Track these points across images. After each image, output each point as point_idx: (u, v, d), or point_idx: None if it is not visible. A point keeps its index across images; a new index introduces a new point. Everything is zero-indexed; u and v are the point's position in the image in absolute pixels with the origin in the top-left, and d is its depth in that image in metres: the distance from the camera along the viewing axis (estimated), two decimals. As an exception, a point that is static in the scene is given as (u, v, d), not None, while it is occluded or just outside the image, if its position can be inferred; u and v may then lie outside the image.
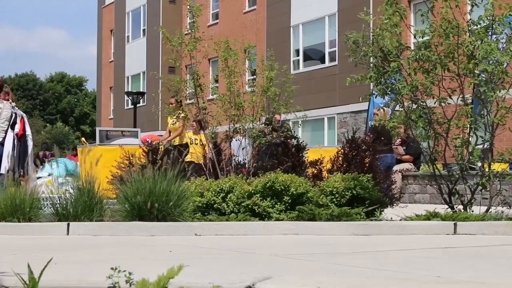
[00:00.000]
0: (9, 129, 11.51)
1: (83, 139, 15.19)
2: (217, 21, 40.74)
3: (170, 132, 16.11)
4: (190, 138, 11.47)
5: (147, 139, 11.52)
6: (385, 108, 17.12)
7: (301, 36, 33.41)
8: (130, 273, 3.00)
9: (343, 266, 4.25)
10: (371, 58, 9.22)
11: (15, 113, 11.59)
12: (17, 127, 11.81)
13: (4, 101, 11.59)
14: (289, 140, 11.71)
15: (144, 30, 47.66)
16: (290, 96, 11.64)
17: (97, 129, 17.54)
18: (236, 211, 8.80)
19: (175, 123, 15.54)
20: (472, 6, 8.92)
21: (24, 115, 11.91)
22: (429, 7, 9.23)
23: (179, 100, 15.83)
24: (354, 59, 9.11)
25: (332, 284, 2.99)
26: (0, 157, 11.06)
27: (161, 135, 20.29)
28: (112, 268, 3.03)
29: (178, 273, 2.63)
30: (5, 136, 11.39)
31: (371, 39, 9.03)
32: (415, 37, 9.11)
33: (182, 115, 15.31)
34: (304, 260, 4.84)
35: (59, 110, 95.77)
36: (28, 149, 11.67)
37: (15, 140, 11.49)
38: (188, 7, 11.71)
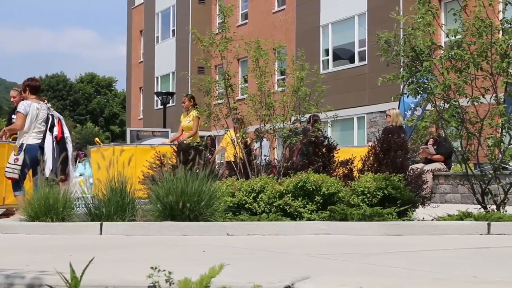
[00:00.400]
0: (48, 132, 11.62)
1: (97, 139, 15.25)
2: (246, 21, 40.76)
3: (182, 130, 16.07)
4: (232, 137, 11.47)
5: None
6: (396, 109, 17.10)
7: (331, 36, 33.35)
8: (170, 273, 3.02)
9: (377, 266, 4.24)
10: (403, 58, 9.18)
11: (52, 115, 11.68)
12: (56, 130, 11.93)
13: (41, 101, 11.71)
14: (319, 140, 11.70)
15: (173, 30, 47.83)
16: (321, 96, 11.63)
17: (128, 129, 17.66)
18: (267, 211, 8.80)
19: (189, 122, 15.58)
20: (506, 4, 8.86)
21: (61, 117, 12.02)
22: (462, 5, 9.17)
23: (190, 99, 15.95)
24: (386, 59, 9.08)
25: (372, 284, 2.98)
26: (38, 160, 11.16)
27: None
28: (152, 268, 3.05)
29: (219, 272, 2.63)
30: (43, 138, 11.50)
31: (403, 38, 8.99)
32: (447, 36, 9.05)
33: (195, 114, 15.40)
34: (338, 260, 4.83)
35: (89, 111, 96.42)
36: (69, 151, 11.78)
37: (54, 143, 11.60)
38: (219, 7, 11.75)
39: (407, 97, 9.80)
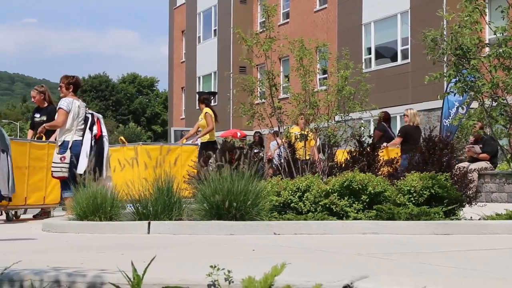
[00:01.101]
0: (87, 130, 11.73)
1: (121, 138, 15.32)
2: (288, 20, 40.77)
3: (198, 127, 16.16)
4: (295, 134, 11.53)
5: (237, 133, 11.51)
6: (413, 109, 17.00)
7: (373, 34, 33.21)
8: (229, 271, 3.05)
9: (430, 266, 4.22)
10: (449, 56, 9.11)
11: (92, 114, 11.79)
12: (95, 129, 12.03)
13: (80, 100, 11.83)
14: (363, 139, 11.68)
15: (215, 30, 47.99)
16: (365, 95, 11.60)
17: (172, 129, 17.86)
18: (313, 210, 8.80)
19: (202, 119, 15.67)
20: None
21: (100, 116, 12.13)
22: (510, 3, 9.07)
23: (202, 98, 16.07)
24: (432, 57, 9.02)
25: (433, 283, 2.98)
26: (77, 158, 11.28)
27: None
28: (211, 266, 3.08)
29: (282, 271, 2.66)
30: (83, 135, 11.59)
31: (450, 36, 8.92)
32: (495, 33, 8.96)
33: (208, 111, 15.47)
34: (389, 259, 4.82)
35: (131, 111, 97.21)
36: (105, 150, 11.86)
37: (92, 141, 11.69)
38: (263, 7, 11.75)
39: (454, 95, 9.72)
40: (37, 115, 12.61)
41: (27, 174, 11.90)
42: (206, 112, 15.53)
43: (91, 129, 12.08)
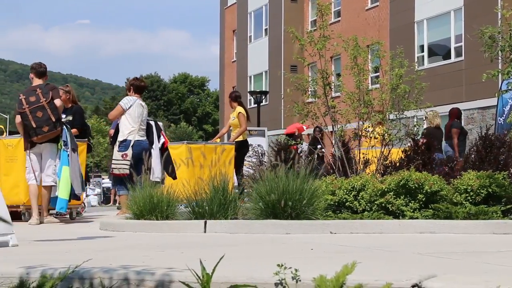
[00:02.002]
0: (155, 138, 12.11)
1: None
2: (339, 18, 40.61)
3: (229, 126, 16.14)
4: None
5: (303, 127, 11.44)
6: (434, 110, 16.74)
7: (426, 32, 32.91)
8: (296, 270, 3.06)
9: (495, 266, 4.17)
10: (507, 53, 8.99)
11: (155, 122, 12.19)
12: (162, 139, 12.46)
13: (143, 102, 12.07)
14: (418, 138, 11.60)
15: (266, 29, 48.03)
16: (420, 93, 11.51)
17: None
18: (368, 209, 8.77)
19: (234, 119, 15.65)
20: None
21: (161, 124, 12.45)
22: None
23: (234, 95, 16.04)
24: (489, 54, 8.92)
25: (503, 283, 2.95)
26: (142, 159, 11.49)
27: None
28: (278, 265, 3.10)
29: (352, 270, 2.66)
30: (151, 141, 11.94)
31: (509, 33, 8.81)
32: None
33: (241, 111, 15.45)
34: (451, 258, 4.78)
35: (182, 110, 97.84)
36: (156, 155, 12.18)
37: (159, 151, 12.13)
38: (317, 5, 11.73)
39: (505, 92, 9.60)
40: (63, 115, 12.82)
41: None
42: (239, 112, 15.49)
43: (159, 137, 12.42)
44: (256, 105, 32.33)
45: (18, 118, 10.90)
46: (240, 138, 15.41)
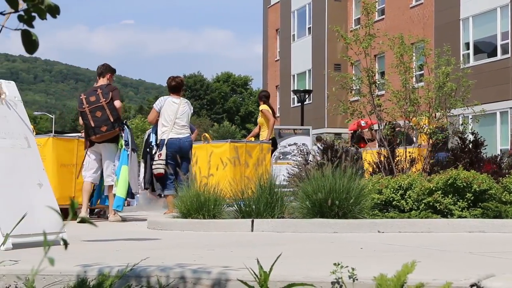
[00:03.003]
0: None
1: (206, 134, 15.38)
2: (383, 16, 40.41)
3: (259, 126, 16.16)
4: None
5: (361, 122, 11.34)
6: None
7: (471, 29, 32.59)
8: (353, 269, 3.06)
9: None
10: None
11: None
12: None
13: (180, 98, 12.17)
14: (465, 136, 11.51)
15: (309, 28, 47.98)
16: (467, 91, 11.41)
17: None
18: (415, 208, 8.72)
19: (260, 117, 15.68)
20: None
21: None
22: None
23: (261, 95, 16.04)
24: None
25: None
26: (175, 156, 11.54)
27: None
28: (334, 264, 3.10)
29: (413, 269, 2.65)
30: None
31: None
32: None
33: (264, 108, 15.43)
34: (505, 258, 4.72)
35: (225, 109, 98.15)
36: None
37: None
38: (362, 4, 11.68)
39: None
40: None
41: (75, 173, 11.95)
42: (262, 109, 15.56)
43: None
44: (299, 104, 32.32)
45: (80, 119, 11.23)
46: (272, 135, 15.51)
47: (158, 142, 11.78)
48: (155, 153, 11.76)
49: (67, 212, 7.18)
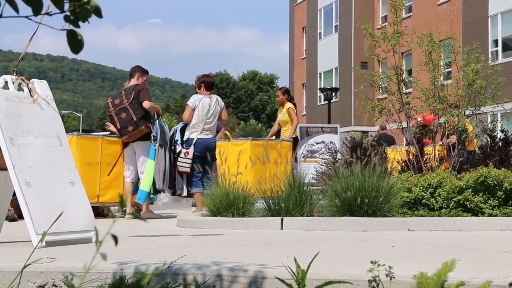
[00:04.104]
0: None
1: (226, 132, 15.35)
2: (410, 14, 40.23)
3: (279, 124, 16.07)
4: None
5: (418, 118, 11.29)
6: None
7: (500, 26, 32.36)
8: (390, 267, 3.05)
9: None
10: None
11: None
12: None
13: (212, 97, 12.20)
14: (495, 134, 11.45)
15: (336, 26, 47.88)
16: (497, 88, 11.35)
17: (298, 125, 17.82)
18: (445, 206, 8.68)
19: (284, 115, 15.60)
20: None
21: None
22: None
23: (284, 93, 15.92)
24: None
25: None
26: (206, 156, 11.59)
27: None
28: (371, 262, 3.10)
29: (453, 268, 2.65)
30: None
31: None
32: None
33: (290, 106, 15.37)
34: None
35: (252, 108, 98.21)
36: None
37: None
38: (391, 1, 11.65)
39: None
40: None
41: (99, 171, 12.05)
42: (289, 108, 15.49)
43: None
44: (326, 102, 32.26)
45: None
46: (295, 134, 15.47)
47: (185, 140, 11.80)
48: (179, 151, 11.80)
49: (96, 211, 7.17)
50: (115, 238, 1.73)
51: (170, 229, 8.66)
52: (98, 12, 1.68)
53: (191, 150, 11.64)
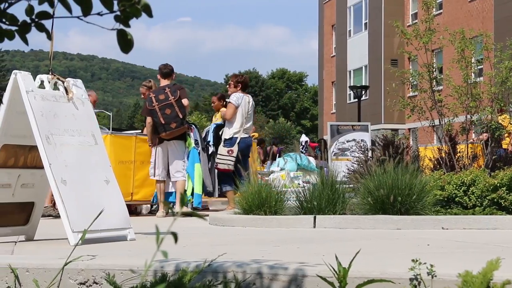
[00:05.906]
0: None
1: (256, 134, 15.32)
2: (441, 11, 39.97)
3: None
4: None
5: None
6: None
7: (532, 22, 32.07)
8: (431, 265, 3.05)
9: None
10: None
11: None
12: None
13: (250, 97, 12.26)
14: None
15: (365, 24, 47.71)
16: (532, 86, 11.25)
17: (328, 123, 17.81)
18: (479, 204, 8.62)
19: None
20: None
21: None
22: None
23: (220, 99, 15.77)
24: None
25: None
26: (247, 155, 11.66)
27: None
28: (413, 260, 3.10)
29: (498, 266, 2.64)
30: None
31: None
32: None
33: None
34: None
35: (280, 106, 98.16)
36: None
37: None
38: (422, -1, 11.60)
39: None
40: None
41: (133, 169, 12.09)
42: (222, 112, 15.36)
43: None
44: (356, 100, 32.16)
45: (149, 118, 11.35)
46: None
47: (228, 138, 11.82)
48: (212, 152, 11.87)
49: (128, 209, 7.18)
50: (175, 236, 1.75)
51: (203, 226, 8.69)
52: (148, 11, 1.69)
53: (235, 148, 11.71)
